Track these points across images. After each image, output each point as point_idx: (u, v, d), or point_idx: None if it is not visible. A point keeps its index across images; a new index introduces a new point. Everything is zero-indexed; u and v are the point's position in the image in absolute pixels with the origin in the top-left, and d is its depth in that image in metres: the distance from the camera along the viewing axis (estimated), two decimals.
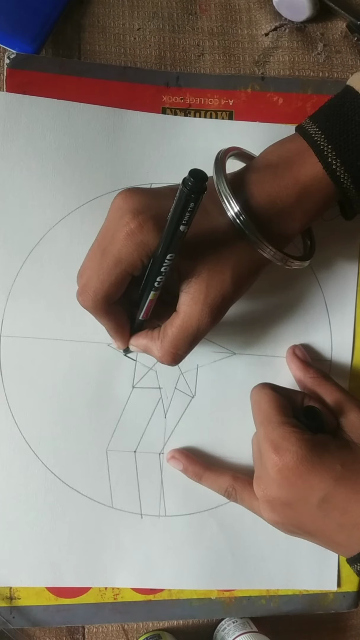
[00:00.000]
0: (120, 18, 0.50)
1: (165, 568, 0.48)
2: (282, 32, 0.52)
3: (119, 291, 0.40)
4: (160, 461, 0.48)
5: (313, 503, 0.39)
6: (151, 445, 0.48)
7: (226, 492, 0.45)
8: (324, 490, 0.39)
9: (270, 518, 0.42)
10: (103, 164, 0.48)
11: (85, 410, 0.47)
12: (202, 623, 0.49)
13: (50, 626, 0.47)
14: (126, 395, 0.48)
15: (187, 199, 0.34)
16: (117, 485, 0.47)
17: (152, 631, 0.48)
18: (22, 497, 0.46)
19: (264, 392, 0.43)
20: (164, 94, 0.49)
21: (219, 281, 0.40)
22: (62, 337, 0.47)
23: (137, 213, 0.38)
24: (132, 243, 0.38)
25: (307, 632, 0.50)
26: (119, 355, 0.48)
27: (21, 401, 0.47)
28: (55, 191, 0.47)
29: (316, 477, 0.39)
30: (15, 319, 0.47)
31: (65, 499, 0.47)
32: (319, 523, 0.40)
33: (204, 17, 0.51)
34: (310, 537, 0.42)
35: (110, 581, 0.47)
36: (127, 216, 0.38)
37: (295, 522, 0.41)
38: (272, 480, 0.40)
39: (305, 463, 0.39)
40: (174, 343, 0.41)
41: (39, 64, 0.47)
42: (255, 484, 0.42)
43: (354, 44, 0.52)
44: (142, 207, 0.38)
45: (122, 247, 0.38)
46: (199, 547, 0.48)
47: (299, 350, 0.49)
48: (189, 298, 0.40)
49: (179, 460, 0.47)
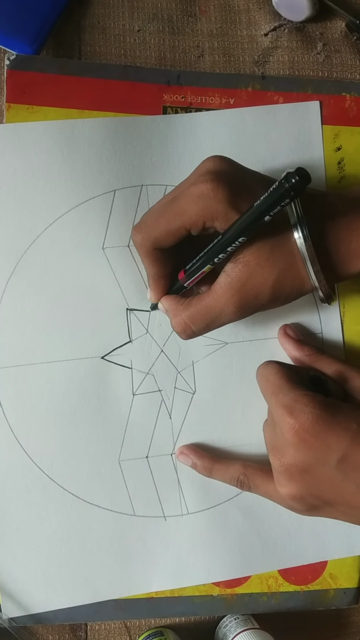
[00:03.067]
0: (120, 19, 0.51)
1: (197, 564, 0.48)
2: (281, 32, 0.52)
3: (170, 240, 0.40)
4: (173, 462, 0.48)
5: (331, 464, 0.38)
6: (162, 448, 0.48)
7: (238, 481, 0.45)
8: (342, 449, 0.38)
9: (289, 491, 0.40)
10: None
11: (91, 425, 0.47)
12: (204, 620, 0.49)
13: (53, 624, 0.47)
14: (128, 404, 0.48)
15: (284, 194, 0.33)
16: (136, 493, 0.47)
17: (154, 628, 0.48)
18: (45, 522, 0.46)
19: (270, 366, 0.43)
20: (164, 93, 0.49)
21: (261, 280, 0.39)
22: (54, 359, 0.47)
23: (219, 178, 0.38)
24: (201, 202, 0.38)
25: (308, 628, 0.50)
26: (114, 367, 0.48)
27: (26, 429, 0.47)
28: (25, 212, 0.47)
29: (333, 436, 0.38)
30: (5, 349, 0.47)
31: (87, 516, 0.47)
32: (338, 487, 0.39)
33: (203, 18, 0.52)
34: (330, 509, 0.41)
35: (146, 587, 0.47)
36: (207, 175, 0.38)
37: (314, 491, 0.40)
38: (289, 445, 0.39)
39: (321, 422, 0.38)
40: (192, 316, 0.41)
41: (39, 64, 0.48)
42: (271, 456, 0.41)
43: (354, 43, 0.53)
44: (226, 176, 0.38)
45: (190, 201, 0.38)
46: (226, 538, 0.48)
47: (290, 330, 0.49)
48: (227, 281, 0.40)
49: (188, 455, 0.47)
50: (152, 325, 0.48)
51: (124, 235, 0.48)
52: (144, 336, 0.48)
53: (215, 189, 0.37)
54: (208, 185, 0.37)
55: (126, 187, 0.48)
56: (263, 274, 0.39)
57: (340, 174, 0.50)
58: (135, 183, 0.48)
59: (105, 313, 0.48)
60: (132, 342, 0.48)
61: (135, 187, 0.48)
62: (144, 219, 0.41)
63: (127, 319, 0.48)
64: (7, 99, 0.47)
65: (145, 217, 0.41)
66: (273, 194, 0.34)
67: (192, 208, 0.38)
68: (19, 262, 0.47)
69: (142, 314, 0.48)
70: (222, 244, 0.38)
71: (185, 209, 0.38)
